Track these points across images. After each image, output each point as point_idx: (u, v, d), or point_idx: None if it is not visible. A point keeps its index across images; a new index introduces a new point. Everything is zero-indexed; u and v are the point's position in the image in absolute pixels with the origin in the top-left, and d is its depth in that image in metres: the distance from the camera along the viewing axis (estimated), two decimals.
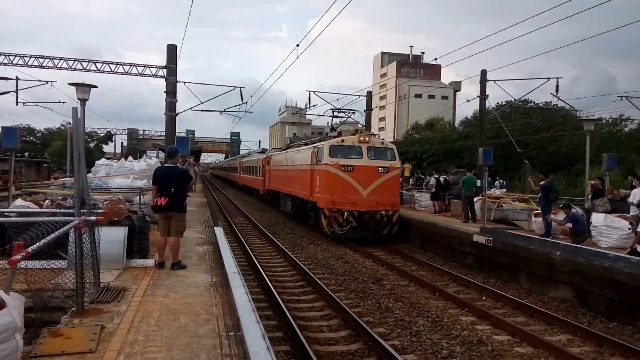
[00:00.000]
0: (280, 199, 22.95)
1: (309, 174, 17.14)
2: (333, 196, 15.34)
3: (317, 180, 16.16)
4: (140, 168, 17.09)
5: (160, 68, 20.71)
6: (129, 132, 69.26)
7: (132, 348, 4.38)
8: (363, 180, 15.53)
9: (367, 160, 15.79)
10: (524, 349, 6.76)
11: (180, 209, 7.85)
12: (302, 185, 18.03)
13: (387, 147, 16.60)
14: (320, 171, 15.96)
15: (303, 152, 18.95)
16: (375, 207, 15.45)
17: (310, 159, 17.10)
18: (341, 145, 15.88)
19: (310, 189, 16.80)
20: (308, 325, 7.53)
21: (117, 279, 6.97)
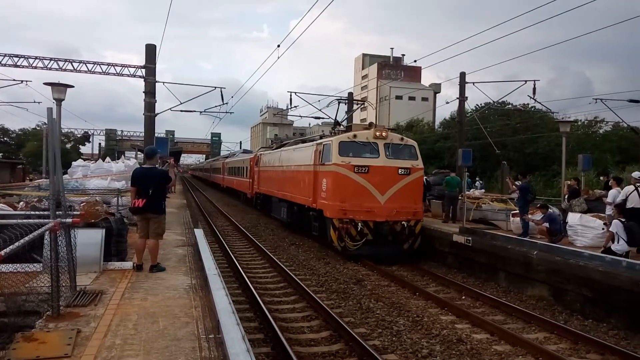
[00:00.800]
0: (273, 204, 20.20)
1: (310, 177, 14.67)
2: (344, 203, 12.72)
3: (323, 184, 13.60)
4: (118, 169, 16.83)
5: (139, 68, 20.45)
6: (107, 133, 68.16)
7: (109, 352, 4.30)
8: (380, 184, 12.96)
9: (384, 160, 13.15)
10: (502, 347, 6.86)
11: (158, 211, 7.75)
12: (302, 190, 15.51)
13: (407, 144, 13.95)
14: (327, 173, 13.42)
15: (302, 151, 16.42)
16: (395, 217, 12.94)
17: (313, 158, 14.63)
18: (353, 142, 13.25)
19: (313, 195, 14.27)
20: (289, 327, 7.51)
21: (94, 282, 6.84)
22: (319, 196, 13.81)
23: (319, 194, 13.83)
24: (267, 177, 22.06)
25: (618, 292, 7.93)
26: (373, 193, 12.94)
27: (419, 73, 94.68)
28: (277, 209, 19.30)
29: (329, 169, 13.22)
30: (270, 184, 20.98)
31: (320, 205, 13.70)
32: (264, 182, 22.75)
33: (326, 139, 14.29)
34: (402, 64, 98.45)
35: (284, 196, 17.92)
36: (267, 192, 21.73)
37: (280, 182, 19.06)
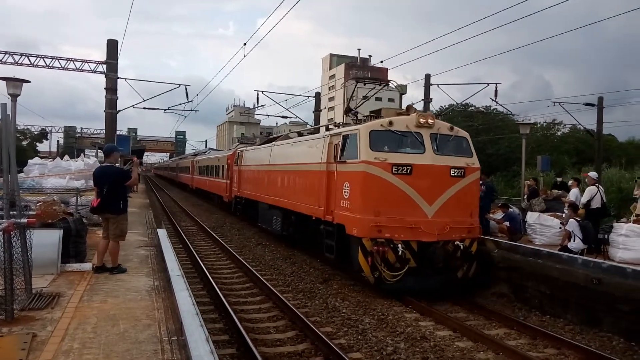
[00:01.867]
0: (260, 211, 16.74)
1: (321, 179, 11.15)
2: (379, 217, 9.11)
3: (344, 189, 9.98)
4: (77, 168, 16.31)
5: (100, 64, 19.87)
6: (66, 130, 65.89)
7: (67, 357, 4.16)
8: (428, 190, 9.42)
9: (432, 157, 9.61)
10: (464, 343, 7.01)
11: (116, 211, 7.56)
12: (306, 196, 12.10)
13: (459, 135, 10.36)
14: (352, 175, 9.80)
15: (306, 146, 12.93)
16: (448, 235, 9.40)
17: (326, 153, 11.15)
18: (389, 132, 9.71)
19: (326, 203, 10.76)
20: (255, 327, 7.45)
21: (50, 285, 6.61)
22: (338, 206, 10.18)
23: (337, 203, 10.21)
24: (251, 178, 18.49)
25: (574, 288, 8.25)
26: (418, 202, 9.33)
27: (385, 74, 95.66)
28: (267, 217, 15.73)
29: (356, 169, 9.58)
30: (257, 187, 17.26)
31: (340, 219, 9.99)
32: (247, 183, 19.16)
33: (346, 128, 10.82)
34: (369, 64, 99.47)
35: (276, 202, 14.48)
36: (251, 196, 18.02)
37: (271, 184, 15.37)
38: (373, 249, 9.01)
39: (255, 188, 17.45)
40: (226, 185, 23.75)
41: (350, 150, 9.97)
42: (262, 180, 16.56)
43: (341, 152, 10.34)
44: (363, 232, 9.17)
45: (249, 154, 19.68)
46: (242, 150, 20.99)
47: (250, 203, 18.52)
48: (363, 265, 9.17)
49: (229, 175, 23.11)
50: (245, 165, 19.69)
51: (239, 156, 21.00)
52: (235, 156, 21.73)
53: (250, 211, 18.68)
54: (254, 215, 18.03)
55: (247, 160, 19.58)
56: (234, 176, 21.60)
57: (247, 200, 19.01)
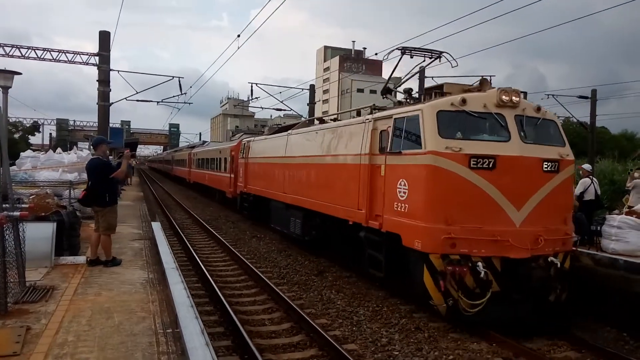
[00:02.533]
0: (274, 211, 14.70)
1: (361, 175, 9.08)
2: (451, 226, 7.01)
3: (399, 188, 7.82)
4: (70, 160, 16.20)
5: (92, 55, 19.68)
6: (58, 123, 65.37)
7: (61, 349, 4.15)
8: (515, 190, 7.25)
9: (520, 146, 7.39)
10: (459, 334, 7.06)
11: (101, 203, 7.55)
12: (340, 196, 10.02)
13: (547, 117, 8.14)
14: (412, 169, 7.63)
15: (338, 133, 10.58)
16: (541, 249, 7.24)
17: (368, 142, 9.01)
18: (462, 112, 7.46)
19: (369, 205, 8.73)
20: (250, 319, 7.47)
21: (44, 278, 6.59)
22: (388, 209, 8.07)
23: (387, 206, 8.11)
24: (261, 173, 16.25)
25: None
26: (503, 206, 7.17)
27: (380, 66, 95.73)
28: (283, 218, 13.67)
29: (419, 162, 7.41)
30: (269, 182, 15.05)
31: (393, 226, 7.90)
32: (256, 178, 16.91)
33: (399, 109, 8.43)
34: (364, 57, 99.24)
35: (296, 202, 12.44)
36: (261, 192, 15.83)
37: (288, 180, 13.27)
38: (447, 269, 6.87)
39: (267, 184, 15.28)
40: (229, 180, 21.36)
41: (409, 138, 7.74)
42: (275, 175, 14.44)
43: (393, 141, 8.11)
44: (431, 246, 6.99)
45: (258, 145, 17.51)
46: (248, 141, 18.71)
47: (259, 201, 16.32)
48: (431, 291, 7.05)
49: (232, 168, 20.88)
50: (254, 158, 17.41)
51: (245, 147, 18.70)
52: (241, 147, 19.47)
53: (260, 210, 16.40)
54: (264, 214, 15.82)
55: (256, 151, 17.34)
56: (239, 170, 19.40)
57: (255, 198, 16.85)
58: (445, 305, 7.02)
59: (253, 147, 17.93)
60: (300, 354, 6.22)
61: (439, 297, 7.03)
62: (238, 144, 20.61)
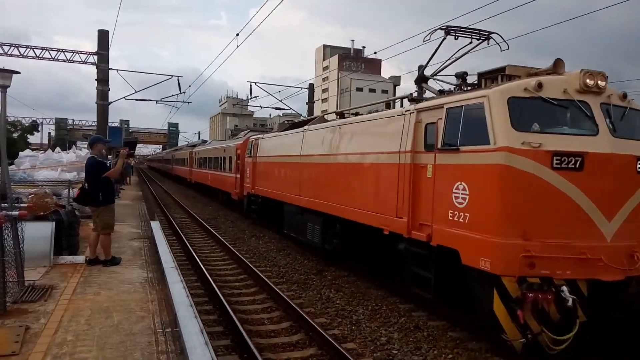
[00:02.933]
0: (287, 215, 13.41)
1: (401, 176, 7.71)
2: (530, 241, 5.73)
3: (455, 192, 6.51)
4: (69, 160, 16.21)
5: (91, 54, 19.67)
6: (57, 122, 65.37)
7: (60, 349, 4.15)
8: (606, 196, 5.99)
9: (611, 141, 6.07)
10: (458, 333, 7.07)
11: (94, 203, 7.57)
12: (371, 200, 8.68)
13: (633, 106, 6.80)
14: (475, 170, 6.29)
15: (368, 128, 9.33)
16: (638, 269, 5.93)
17: (409, 138, 7.58)
18: (537, 99, 6.13)
19: (411, 212, 7.40)
20: (249, 319, 7.47)
21: (43, 277, 6.58)
22: (441, 218, 6.70)
23: (439, 214, 6.75)
24: (272, 173, 14.91)
25: None
26: (592, 216, 5.89)
27: (379, 65, 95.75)
28: (298, 224, 12.48)
29: (486, 161, 6.08)
30: (281, 184, 13.79)
31: (448, 239, 6.52)
32: (266, 179, 15.52)
33: (453, 97, 6.96)
34: (363, 56, 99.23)
35: (314, 205, 11.13)
36: (272, 195, 14.44)
37: (305, 182, 11.95)
38: (525, 296, 5.55)
39: (279, 185, 13.92)
40: (235, 181, 20.05)
41: (469, 132, 6.35)
42: (289, 175, 13.15)
43: (445, 136, 6.69)
44: (503, 266, 5.68)
45: (268, 142, 16.03)
46: (256, 139, 17.30)
47: (270, 204, 15.03)
48: (504, 323, 5.75)
49: (238, 168, 19.64)
50: (263, 157, 16.01)
51: (253, 146, 17.32)
52: (248, 146, 18.19)
53: (270, 214, 15.31)
54: (275, 218, 14.71)
55: (266, 150, 15.95)
56: (246, 170, 18.18)
57: (265, 200, 15.52)
58: (523, 340, 5.66)
59: (262, 145, 16.41)
60: (299, 353, 6.22)
61: (513, 330, 5.68)
62: (244, 142, 19.40)
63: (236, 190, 19.73)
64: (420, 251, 7.19)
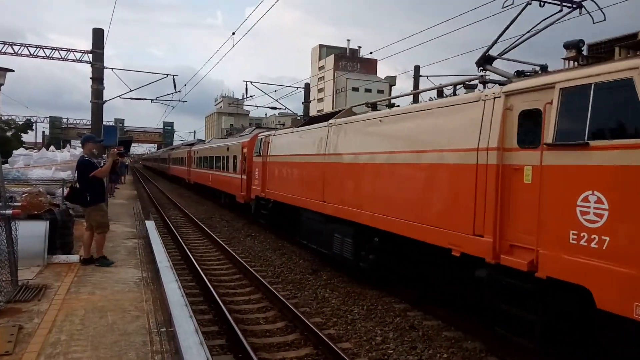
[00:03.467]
0: (306, 223, 11.58)
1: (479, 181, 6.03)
2: None
3: (582, 206, 4.68)
4: (63, 159, 16.13)
5: (86, 53, 19.55)
6: (52, 121, 65.05)
7: (54, 348, 4.13)
8: None
9: None
10: (453, 333, 7.08)
11: (82, 202, 7.59)
12: (431, 209, 7.00)
13: None
14: (625, 173, 4.36)
15: (427, 119, 7.37)
16: None
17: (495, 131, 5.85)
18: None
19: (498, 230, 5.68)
20: (244, 318, 7.46)
21: (37, 276, 6.54)
22: (557, 241, 4.96)
23: (553, 235, 5.01)
24: (287, 175, 13.06)
25: None
26: None
27: (375, 65, 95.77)
28: (320, 234, 10.59)
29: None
30: (299, 187, 11.97)
31: (567, 271, 4.81)
32: (279, 182, 13.66)
33: (569, 73, 5.19)
34: (359, 55, 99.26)
35: (344, 214, 9.44)
36: (287, 199, 12.70)
37: (331, 185, 10.18)
38: None
39: (296, 189, 12.13)
40: (241, 182, 18.34)
41: (608, 119, 4.73)
42: (309, 177, 11.28)
43: (561, 125, 5.02)
44: None
45: (281, 140, 14.04)
46: (267, 136, 15.35)
47: (283, 209, 13.37)
48: None
49: (245, 168, 17.76)
50: (277, 156, 14.01)
51: (263, 144, 15.42)
52: (257, 144, 16.41)
53: (284, 220, 13.81)
54: (289, 226, 13.32)
55: (279, 148, 13.99)
56: (254, 170, 16.38)
57: (277, 205, 13.80)
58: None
59: (275, 142, 14.45)
60: (294, 352, 6.21)
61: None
62: (252, 139, 17.58)
63: (242, 193, 18.01)
64: (516, 283, 5.40)
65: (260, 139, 15.94)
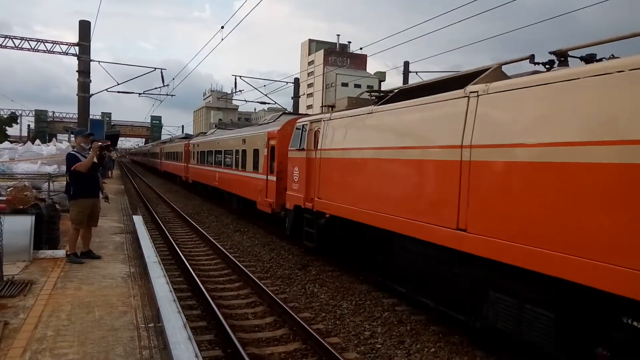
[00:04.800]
0: (405, 260, 7.45)
1: None
2: None
3: None
4: (49, 152, 15.93)
5: (72, 45, 19.30)
6: (37, 114, 64.14)
7: (40, 344, 4.09)
8: None
9: None
10: (440, 327, 7.15)
11: (68, 196, 7.64)
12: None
13: None
14: None
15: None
16: None
17: None
18: None
19: None
20: (233, 313, 7.45)
21: (23, 272, 6.47)
22: None
23: None
24: (365, 179, 8.49)
25: None
26: None
27: (364, 61, 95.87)
28: (445, 283, 6.51)
29: None
30: (394, 201, 7.49)
31: None
32: (346, 189, 9.19)
33: None
34: (348, 51, 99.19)
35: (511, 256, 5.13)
36: (364, 217, 8.30)
37: (486, 201, 5.62)
38: None
39: (385, 202, 7.72)
40: (266, 186, 13.96)
41: None
42: (419, 186, 6.97)
43: None
44: None
45: (346, 126, 9.42)
46: (314, 122, 10.82)
47: (348, 228, 9.11)
48: None
49: (273, 167, 13.62)
50: (339, 150, 9.46)
51: (308, 133, 10.94)
52: (295, 134, 11.84)
53: (348, 244, 9.71)
54: (361, 254, 9.45)
55: (343, 139, 9.44)
56: (291, 170, 11.83)
57: (336, 221, 9.46)
58: None
59: (332, 130, 9.90)
60: (283, 347, 6.23)
61: None
62: (285, 127, 13.43)
63: (269, 200, 13.62)
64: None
65: (302, 126, 11.34)
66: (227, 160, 19.42)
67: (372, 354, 6.10)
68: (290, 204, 11.83)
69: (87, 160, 7.45)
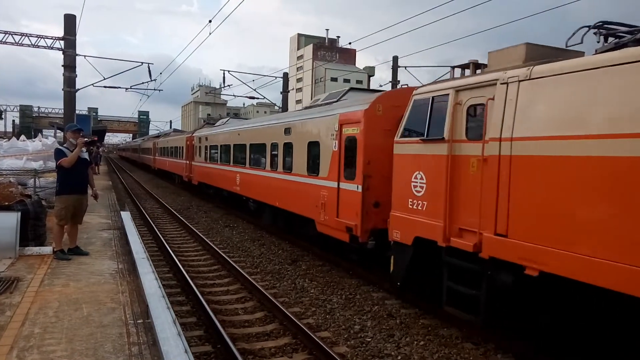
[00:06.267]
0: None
1: None
2: None
3: None
4: (35, 148, 15.71)
5: (57, 39, 18.99)
6: (22, 109, 63.18)
7: (27, 341, 4.04)
8: None
9: None
10: (430, 321, 7.20)
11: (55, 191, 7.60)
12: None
13: None
14: None
15: None
16: None
17: None
18: None
19: None
20: (223, 309, 7.43)
21: (9, 269, 6.39)
22: None
23: None
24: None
25: None
26: None
27: (353, 55, 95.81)
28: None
29: None
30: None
31: None
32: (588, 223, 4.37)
33: None
34: (338, 45, 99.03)
35: None
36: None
37: None
38: None
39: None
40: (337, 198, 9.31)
41: None
42: None
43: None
44: None
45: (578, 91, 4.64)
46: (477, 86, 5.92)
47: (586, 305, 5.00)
48: None
49: (349, 169, 8.94)
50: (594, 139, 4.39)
51: (453, 108, 6.17)
52: (418, 112, 6.91)
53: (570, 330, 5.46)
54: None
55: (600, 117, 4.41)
56: (404, 178, 7.13)
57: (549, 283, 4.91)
58: None
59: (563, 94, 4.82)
60: (273, 342, 6.23)
61: None
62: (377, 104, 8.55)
63: (346, 221, 8.90)
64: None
65: (431, 98, 6.63)
66: (256, 158, 14.58)
67: (362, 347, 6.14)
68: (403, 233, 7.14)
69: (72, 156, 7.31)
